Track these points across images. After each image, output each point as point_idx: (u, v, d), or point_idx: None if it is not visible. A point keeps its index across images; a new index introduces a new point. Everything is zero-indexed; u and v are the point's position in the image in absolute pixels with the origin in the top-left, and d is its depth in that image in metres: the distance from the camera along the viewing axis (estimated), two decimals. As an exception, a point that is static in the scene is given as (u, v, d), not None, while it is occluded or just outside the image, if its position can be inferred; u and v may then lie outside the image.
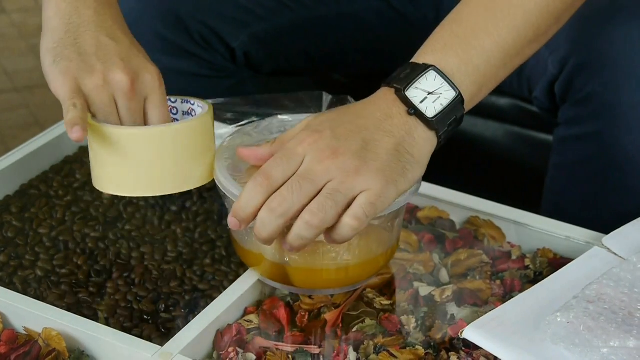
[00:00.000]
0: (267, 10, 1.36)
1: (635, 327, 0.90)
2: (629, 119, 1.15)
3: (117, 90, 0.97)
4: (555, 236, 1.09)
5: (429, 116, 0.93)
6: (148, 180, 0.97)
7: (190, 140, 0.97)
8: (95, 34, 0.99)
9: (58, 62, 0.97)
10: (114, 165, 0.97)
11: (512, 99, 1.50)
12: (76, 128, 0.92)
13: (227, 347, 0.95)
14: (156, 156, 0.96)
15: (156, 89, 0.99)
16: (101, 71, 0.96)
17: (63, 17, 0.99)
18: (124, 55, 0.98)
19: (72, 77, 0.96)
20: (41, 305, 0.97)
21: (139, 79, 0.98)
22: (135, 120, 0.98)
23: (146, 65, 0.99)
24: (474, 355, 0.93)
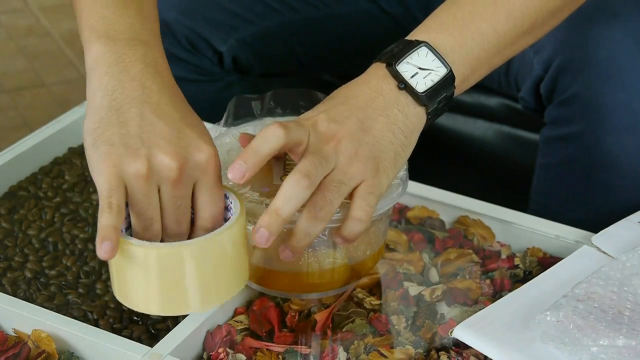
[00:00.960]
0: (255, 13, 1.36)
1: (624, 326, 0.90)
2: (613, 119, 1.15)
3: (163, 178, 0.86)
4: (544, 235, 1.09)
5: (419, 91, 0.93)
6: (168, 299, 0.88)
7: (220, 252, 0.88)
8: (139, 112, 0.87)
9: (98, 146, 0.86)
10: (128, 280, 0.88)
11: (502, 98, 1.50)
12: (106, 245, 0.82)
13: (217, 348, 0.95)
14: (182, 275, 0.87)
15: (209, 171, 0.88)
16: (145, 156, 0.85)
17: (105, 93, 0.88)
18: (173, 135, 0.87)
19: (112, 164, 0.85)
20: (30, 306, 0.97)
21: (188, 163, 0.87)
22: (179, 207, 0.88)
23: (198, 144, 0.87)
24: (464, 355, 0.93)
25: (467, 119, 1.55)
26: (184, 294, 0.88)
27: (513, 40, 0.99)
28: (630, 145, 1.16)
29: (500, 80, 1.36)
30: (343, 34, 1.41)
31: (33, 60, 2.49)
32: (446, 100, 0.95)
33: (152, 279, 0.87)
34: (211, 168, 0.88)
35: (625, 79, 1.14)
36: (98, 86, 0.89)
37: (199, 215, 0.89)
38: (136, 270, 0.87)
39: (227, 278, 0.90)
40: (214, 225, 0.90)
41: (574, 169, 1.21)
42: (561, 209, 1.24)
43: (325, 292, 1.00)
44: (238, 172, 0.87)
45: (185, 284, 0.87)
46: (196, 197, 0.89)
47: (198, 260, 0.87)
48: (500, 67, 1.32)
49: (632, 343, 0.88)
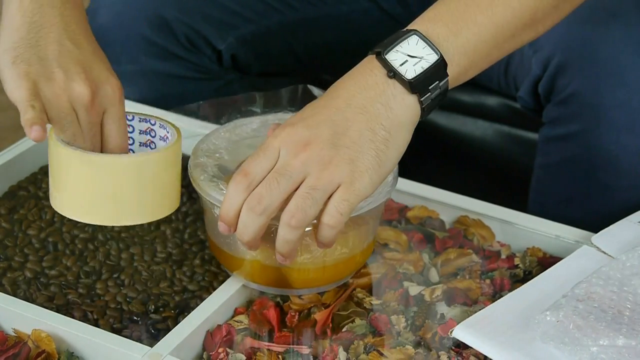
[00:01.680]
0: (254, 12, 1.36)
1: (624, 326, 0.90)
2: (611, 118, 1.15)
3: (77, 102, 0.93)
4: (544, 235, 1.09)
5: (407, 77, 0.92)
6: (112, 210, 0.94)
7: (159, 171, 0.95)
8: (58, 38, 0.94)
9: (17, 64, 0.93)
10: (75, 189, 0.94)
11: (501, 98, 1.50)
12: (35, 127, 0.89)
13: (217, 348, 0.95)
14: (121, 186, 0.94)
15: (116, 102, 0.95)
16: (62, 79, 0.93)
17: (25, 15, 0.95)
18: (86, 64, 0.95)
19: (31, 81, 0.92)
20: (30, 306, 0.97)
21: (99, 91, 0.94)
22: (94, 133, 0.95)
23: (107, 76, 0.96)
24: (464, 355, 0.93)
25: (467, 119, 1.55)
26: (121, 204, 0.94)
27: (512, 33, 0.97)
28: (629, 144, 1.16)
29: (500, 80, 1.36)
30: (343, 33, 1.41)
31: (33, 60, 2.48)
32: (440, 90, 0.94)
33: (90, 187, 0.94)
34: (118, 99, 0.95)
35: (624, 77, 1.14)
36: (18, 7, 0.95)
37: (107, 145, 0.96)
38: (82, 178, 0.94)
39: (162, 196, 0.96)
40: (123, 152, 0.97)
41: (573, 168, 1.21)
42: (560, 209, 1.24)
43: (316, 288, 1.00)
44: (224, 230, 0.92)
45: (126, 195, 0.94)
46: (104, 126, 0.95)
47: (142, 173, 0.94)
48: (499, 66, 1.33)
49: (632, 343, 0.88)
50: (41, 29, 0.94)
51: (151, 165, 0.94)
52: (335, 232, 0.90)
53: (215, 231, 0.98)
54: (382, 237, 1.08)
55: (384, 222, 1.11)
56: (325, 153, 0.90)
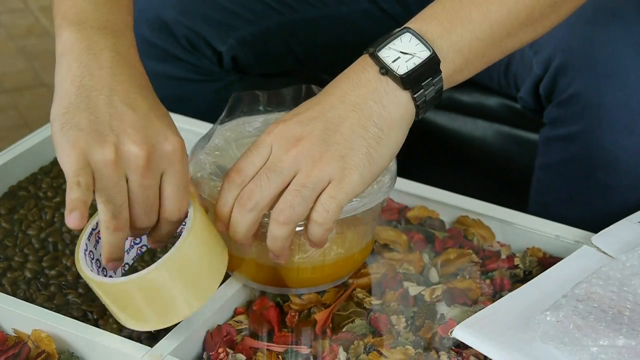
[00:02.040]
0: (254, 13, 1.36)
1: (624, 326, 0.90)
2: (612, 119, 1.15)
3: (130, 166, 0.86)
4: (544, 235, 1.09)
5: (399, 73, 0.92)
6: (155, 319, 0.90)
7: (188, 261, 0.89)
8: (109, 99, 0.88)
9: (66, 131, 0.86)
10: (116, 308, 0.91)
11: (501, 98, 1.50)
12: (74, 214, 0.82)
13: (217, 348, 0.95)
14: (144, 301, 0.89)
15: (175, 161, 0.88)
16: (113, 143, 0.86)
17: (74, 79, 0.88)
18: (141, 123, 0.88)
19: (80, 149, 0.85)
20: (30, 306, 0.97)
21: (156, 152, 0.87)
22: (147, 197, 0.88)
23: (166, 134, 0.88)
24: (464, 355, 0.93)
25: (467, 119, 1.55)
26: (172, 306, 0.89)
27: (509, 32, 0.97)
28: (629, 145, 1.16)
29: (500, 81, 1.36)
30: (342, 34, 1.41)
31: (33, 60, 2.49)
32: (434, 87, 0.94)
33: (140, 304, 0.89)
34: (178, 158, 0.89)
35: (625, 78, 1.14)
36: (67, 72, 0.89)
37: (165, 208, 0.90)
38: (125, 301, 0.89)
39: (206, 276, 0.91)
40: (180, 218, 0.91)
41: (574, 169, 1.21)
42: (560, 209, 1.24)
43: (315, 287, 1.00)
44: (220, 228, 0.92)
45: (168, 299, 0.89)
46: (163, 189, 0.89)
47: (175, 274, 0.88)
48: (499, 67, 1.33)
49: (632, 343, 0.88)
50: (91, 92, 0.88)
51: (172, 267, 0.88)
52: (323, 229, 0.91)
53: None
54: (382, 237, 1.08)
55: (384, 222, 1.11)
56: (315, 149, 0.90)
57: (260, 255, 0.97)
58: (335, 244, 0.97)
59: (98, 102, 0.88)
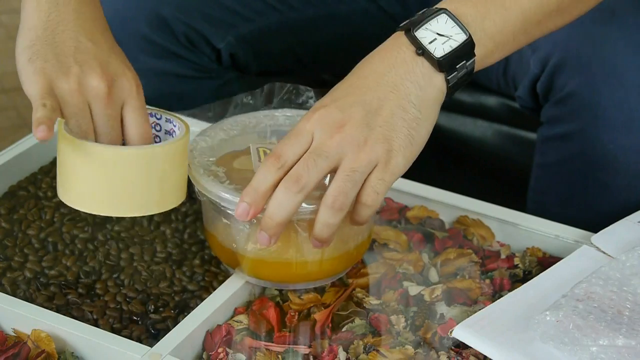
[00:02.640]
0: (253, 11, 1.36)
1: (624, 326, 0.90)
2: (609, 117, 1.15)
3: (93, 96, 0.94)
4: (544, 235, 1.09)
5: (436, 56, 0.93)
6: (118, 201, 0.95)
7: (166, 163, 0.95)
8: (74, 34, 0.96)
9: (33, 61, 0.94)
10: (83, 180, 0.94)
11: (501, 98, 1.50)
12: (42, 127, 0.88)
13: (216, 348, 0.95)
14: (130, 177, 0.94)
15: (133, 94, 0.96)
16: (77, 74, 0.94)
17: (42, 13, 0.96)
18: (102, 58, 0.96)
19: (46, 78, 0.93)
20: (30, 306, 0.97)
21: (115, 85, 0.95)
22: (112, 126, 0.96)
23: (124, 70, 0.97)
24: (464, 355, 0.93)
25: (467, 119, 1.55)
26: (128, 195, 0.95)
27: (539, 19, 0.98)
28: (627, 143, 1.16)
29: (499, 80, 1.36)
30: (342, 33, 1.41)
31: (33, 60, 2.48)
32: (466, 70, 0.95)
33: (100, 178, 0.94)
34: (135, 91, 0.96)
35: (622, 77, 1.14)
36: (34, 6, 0.96)
37: (129, 137, 0.97)
38: (90, 169, 0.94)
39: (168, 188, 0.96)
40: (144, 142, 0.97)
41: (571, 168, 1.21)
42: (559, 208, 1.24)
43: (312, 282, 1.00)
44: (243, 211, 0.91)
45: (133, 186, 0.94)
46: (124, 119, 0.96)
47: (149, 164, 0.94)
48: (498, 66, 1.33)
49: (631, 343, 0.88)
50: (57, 27, 0.95)
51: (159, 157, 0.95)
52: (372, 211, 0.92)
53: (214, 227, 0.98)
54: (382, 237, 1.08)
55: (384, 222, 1.11)
56: (359, 134, 0.91)
57: (259, 250, 0.97)
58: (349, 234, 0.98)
59: (64, 35, 0.95)
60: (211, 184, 0.96)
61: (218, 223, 0.98)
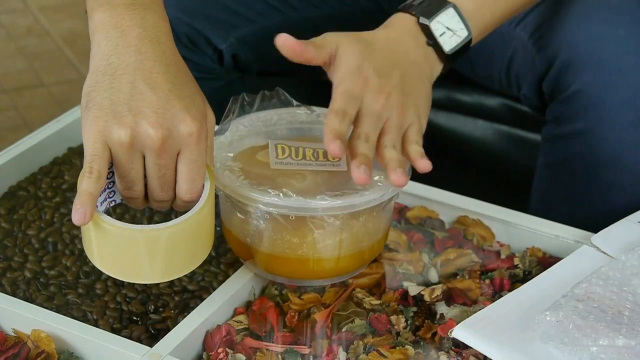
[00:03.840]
0: (255, 12, 1.36)
1: (624, 326, 0.90)
2: (615, 116, 1.15)
3: (146, 147, 0.89)
4: (544, 235, 1.09)
5: (446, 49, 1.01)
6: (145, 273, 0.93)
7: (188, 236, 0.93)
8: (131, 79, 0.90)
9: (89, 109, 0.90)
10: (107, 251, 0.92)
11: (502, 98, 1.50)
12: (81, 211, 0.87)
13: (216, 348, 0.95)
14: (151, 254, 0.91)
15: (191, 144, 0.90)
16: (130, 125, 0.88)
17: (102, 57, 0.92)
18: (160, 104, 0.89)
19: (98, 129, 0.89)
20: (30, 306, 0.97)
21: (171, 135, 0.89)
22: (164, 175, 0.91)
23: (184, 117, 0.90)
24: (464, 355, 0.93)
25: (467, 119, 1.55)
26: (151, 268, 0.92)
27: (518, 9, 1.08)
28: (633, 142, 1.16)
29: (501, 80, 1.36)
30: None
31: (32, 60, 2.49)
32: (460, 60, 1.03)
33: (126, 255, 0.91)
34: (194, 141, 0.90)
35: (629, 75, 1.14)
36: (97, 50, 0.92)
37: (178, 186, 0.93)
38: (114, 245, 0.91)
39: (191, 255, 0.95)
40: (191, 198, 0.93)
41: (576, 167, 1.21)
42: (563, 207, 1.24)
43: (330, 279, 1.00)
44: (339, 148, 0.93)
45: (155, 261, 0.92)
46: (177, 168, 0.92)
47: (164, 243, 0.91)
48: (501, 66, 1.33)
49: (631, 343, 0.88)
50: (116, 71, 0.91)
51: (186, 231, 0.92)
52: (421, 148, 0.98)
53: (230, 221, 1.00)
54: (381, 237, 1.08)
55: (384, 222, 1.11)
56: (399, 99, 0.97)
57: (275, 246, 0.97)
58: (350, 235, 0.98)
59: (121, 81, 0.90)
60: (227, 179, 0.97)
61: (233, 217, 0.99)
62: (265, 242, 0.97)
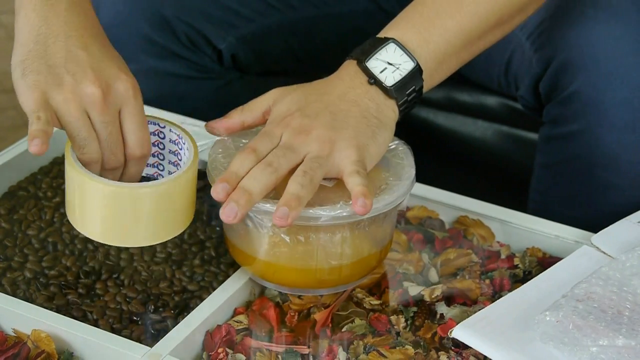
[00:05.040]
0: (254, 11, 1.36)
1: (624, 326, 0.90)
2: (613, 117, 1.15)
3: (89, 104, 0.93)
4: (544, 235, 1.09)
5: (387, 85, 0.99)
6: (125, 234, 0.94)
7: (173, 196, 0.95)
8: (64, 44, 0.95)
9: (26, 75, 0.94)
10: (89, 212, 0.94)
11: (501, 98, 1.50)
12: (36, 141, 0.89)
13: (216, 348, 0.95)
14: (138, 213, 0.93)
15: (130, 98, 0.95)
16: (70, 84, 0.93)
17: (32, 28, 0.95)
18: (95, 65, 0.94)
19: (40, 91, 0.93)
20: (30, 306, 0.97)
21: (111, 90, 0.94)
22: (110, 133, 0.94)
23: (119, 74, 0.95)
24: (464, 355, 0.93)
25: (467, 119, 1.55)
26: (134, 229, 0.94)
27: (480, 36, 1.04)
28: (630, 143, 1.16)
29: (500, 81, 1.36)
30: (343, 33, 1.41)
31: (33, 60, 2.48)
32: (415, 92, 1.00)
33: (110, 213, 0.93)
34: (131, 95, 0.95)
35: (626, 76, 1.14)
36: (24, 22, 0.96)
37: (128, 143, 0.96)
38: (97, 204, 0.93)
39: (175, 219, 0.96)
40: (143, 152, 0.96)
41: (574, 168, 1.21)
42: (560, 209, 1.24)
43: (334, 288, 1.00)
44: (222, 189, 0.92)
45: (136, 221, 0.94)
46: (122, 124, 0.95)
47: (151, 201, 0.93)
48: (499, 66, 1.33)
49: (631, 343, 0.88)
50: (47, 39, 0.95)
51: (171, 189, 0.94)
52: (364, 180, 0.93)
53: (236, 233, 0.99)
54: (381, 237, 1.08)
55: (384, 222, 1.11)
56: (325, 134, 0.95)
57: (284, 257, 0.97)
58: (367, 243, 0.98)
59: (55, 47, 0.94)
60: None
61: (234, 226, 0.98)
62: (266, 251, 0.97)
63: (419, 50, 1.00)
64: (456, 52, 1.03)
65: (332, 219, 0.93)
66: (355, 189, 0.92)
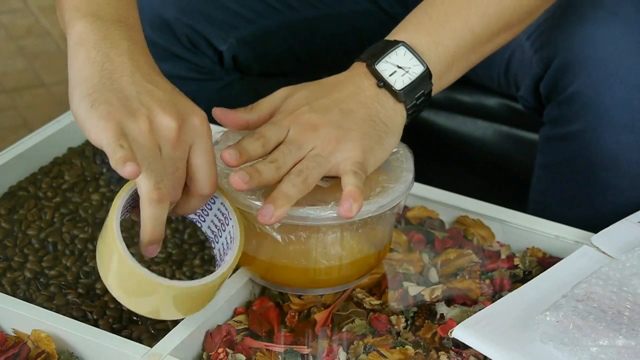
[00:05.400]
0: (255, 12, 1.36)
1: (624, 326, 0.90)
2: (613, 117, 1.15)
3: (163, 137, 0.88)
4: (544, 235, 1.09)
5: (397, 88, 0.99)
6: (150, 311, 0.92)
7: (203, 296, 0.93)
8: (132, 79, 0.90)
9: (97, 107, 0.87)
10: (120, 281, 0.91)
11: (501, 98, 1.50)
12: (130, 163, 0.83)
13: (216, 348, 0.95)
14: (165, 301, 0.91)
15: (204, 133, 0.91)
16: (146, 115, 0.88)
17: (94, 64, 0.90)
18: (168, 98, 0.90)
19: (114, 121, 0.87)
20: (30, 306, 0.97)
21: (185, 124, 0.90)
22: (177, 167, 0.89)
23: (193, 108, 0.92)
24: (464, 355, 0.93)
25: (467, 119, 1.55)
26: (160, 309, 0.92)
27: (489, 38, 1.04)
28: (630, 143, 1.16)
29: (500, 81, 1.36)
30: (343, 33, 1.41)
31: (33, 60, 2.49)
32: (424, 96, 1.00)
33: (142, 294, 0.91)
34: (205, 130, 0.91)
35: (625, 77, 1.14)
36: (86, 59, 0.91)
37: (195, 179, 0.91)
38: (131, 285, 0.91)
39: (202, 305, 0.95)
40: (210, 191, 0.92)
41: (574, 168, 1.21)
42: (561, 209, 1.24)
43: (332, 288, 1.00)
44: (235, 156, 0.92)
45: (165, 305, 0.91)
46: (191, 162, 0.91)
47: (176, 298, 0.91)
48: (499, 67, 1.33)
49: (631, 343, 0.88)
50: (112, 74, 0.90)
51: (209, 287, 0.92)
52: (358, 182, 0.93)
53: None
54: (381, 237, 1.08)
55: (384, 222, 1.11)
56: (332, 132, 0.95)
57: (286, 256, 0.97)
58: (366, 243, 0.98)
59: (122, 82, 0.90)
60: (227, 186, 0.95)
61: None
62: (265, 251, 0.97)
63: (428, 53, 1.00)
64: (465, 55, 1.03)
65: (320, 220, 0.93)
66: (346, 189, 0.92)
